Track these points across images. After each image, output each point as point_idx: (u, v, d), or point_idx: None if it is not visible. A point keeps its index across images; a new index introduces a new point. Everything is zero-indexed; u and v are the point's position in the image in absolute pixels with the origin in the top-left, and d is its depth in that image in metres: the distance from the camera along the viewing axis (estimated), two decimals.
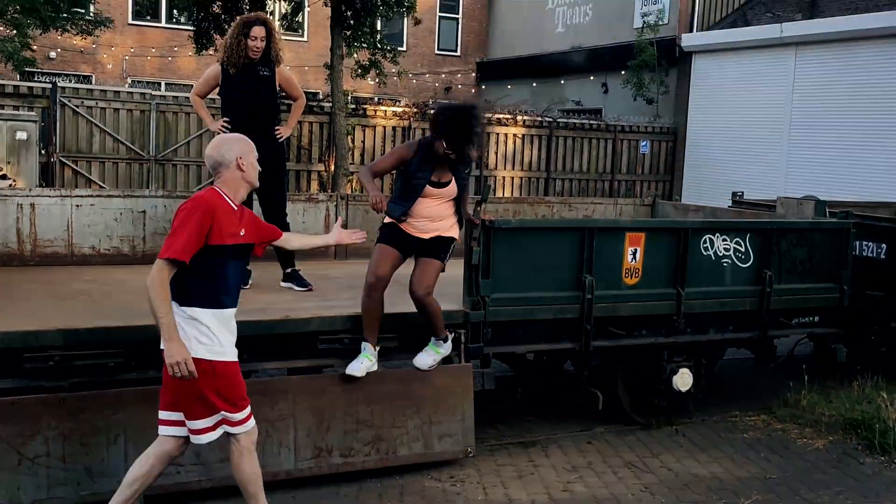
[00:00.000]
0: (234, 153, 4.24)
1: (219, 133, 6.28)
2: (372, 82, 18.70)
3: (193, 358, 4.00)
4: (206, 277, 4.07)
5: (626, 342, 6.33)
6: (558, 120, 18.66)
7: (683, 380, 6.49)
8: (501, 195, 17.16)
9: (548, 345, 6.17)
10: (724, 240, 6.55)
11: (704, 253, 6.49)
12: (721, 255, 6.56)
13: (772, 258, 6.71)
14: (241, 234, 4.22)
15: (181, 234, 3.98)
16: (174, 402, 4.15)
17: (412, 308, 5.50)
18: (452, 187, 5.46)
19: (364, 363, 5.28)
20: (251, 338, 5.01)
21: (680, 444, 6.30)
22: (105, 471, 4.66)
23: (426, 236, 5.44)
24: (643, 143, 19.28)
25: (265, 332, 5.19)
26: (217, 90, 6.39)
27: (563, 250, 6.01)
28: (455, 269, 5.64)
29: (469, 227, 5.68)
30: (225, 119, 6.29)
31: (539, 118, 18.52)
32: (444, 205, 5.49)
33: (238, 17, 6.41)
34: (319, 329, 5.37)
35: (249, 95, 6.26)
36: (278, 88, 6.42)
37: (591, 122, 19.08)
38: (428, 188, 5.39)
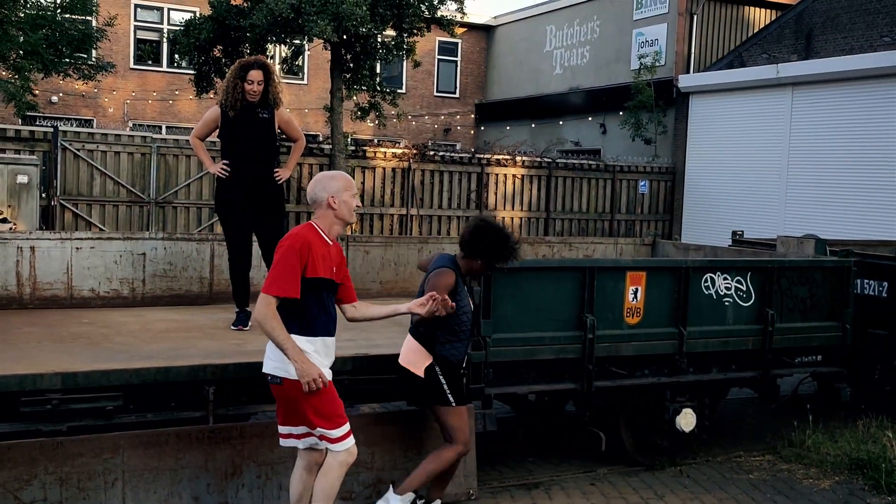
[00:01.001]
0: (328, 192, 4.37)
1: (218, 175, 6.31)
2: (371, 124, 18.88)
3: (288, 379, 4.24)
4: (302, 308, 4.28)
5: (628, 382, 6.28)
6: (557, 160, 18.77)
7: (687, 420, 6.44)
8: None
9: (549, 385, 6.11)
10: (725, 279, 6.54)
11: (706, 292, 6.46)
12: (722, 293, 6.54)
13: (773, 297, 6.69)
14: (334, 270, 4.40)
15: (284, 272, 4.21)
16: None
17: None
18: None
19: None
20: (249, 380, 4.98)
21: (684, 485, 6.22)
22: None
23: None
24: (642, 183, 19.37)
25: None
26: (217, 132, 6.40)
27: (565, 290, 5.99)
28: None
29: None
30: (224, 161, 6.30)
31: (538, 159, 18.63)
32: None
33: (237, 61, 6.45)
34: None
35: (248, 138, 6.26)
36: (278, 130, 6.44)
37: (590, 162, 19.20)
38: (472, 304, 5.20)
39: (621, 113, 20.13)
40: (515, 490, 6.00)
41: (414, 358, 4.94)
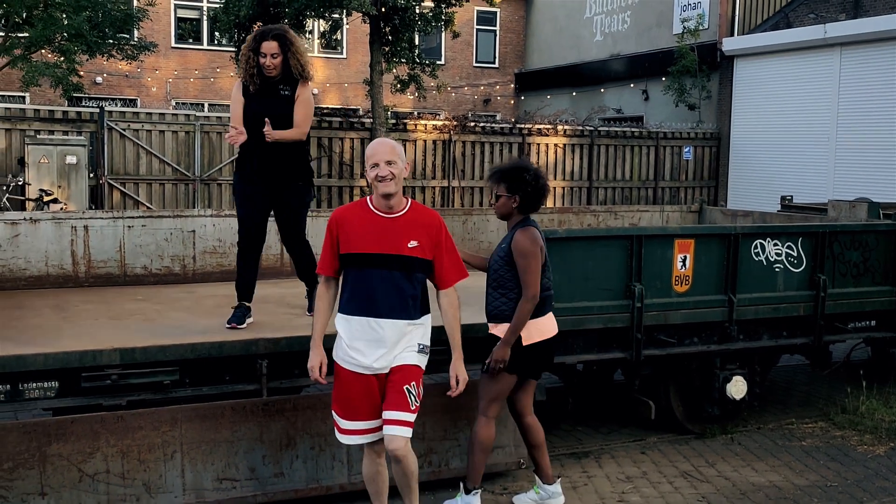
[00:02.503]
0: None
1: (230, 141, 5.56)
2: (411, 97, 18.84)
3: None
4: (343, 283, 4.32)
5: (677, 350, 6.25)
6: (599, 128, 18.59)
7: (737, 387, 6.39)
8: (544, 205, 17.09)
9: (598, 354, 6.11)
10: (775, 244, 6.45)
11: (755, 258, 6.39)
12: (773, 260, 6.46)
13: (825, 262, 6.59)
14: (412, 245, 4.22)
15: (322, 250, 4.33)
16: None
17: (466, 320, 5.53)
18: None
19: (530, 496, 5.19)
20: (301, 353, 5.04)
21: (736, 452, 6.19)
22: (163, 486, 4.71)
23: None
24: (686, 150, 19.11)
25: None
26: None
27: (612, 259, 5.96)
28: None
29: None
30: (238, 129, 5.40)
31: (580, 127, 18.47)
32: None
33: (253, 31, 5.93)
34: None
35: (264, 117, 5.40)
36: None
37: (633, 129, 18.99)
38: None
39: (664, 79, 19.84)
40: (565, 458, 6.02)
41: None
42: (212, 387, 5.05)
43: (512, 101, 27.47)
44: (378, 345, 4.22)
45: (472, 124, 17.51)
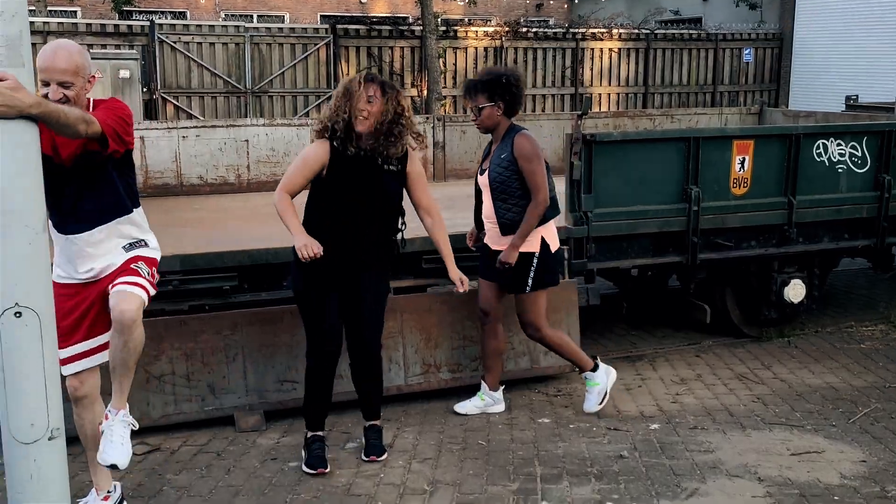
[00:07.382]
0: None
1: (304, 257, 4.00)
2: (462, 3, 18.43)
3: None
4: None
5: (734, 254, 6.17)
6: (656, 31, 18.02)
7: (795, 291, 6.32)
8: (599, 111, 16.79)
9: (653, 259, 6.07)
10: (838, 144, 6.26)
11: (818, 159, 6.22)
12: (835, 160, 6.28)
13: (891, 162, 6.39)
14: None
15: None
16: None
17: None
18: (486, 176, 4.80)
19: (475, 402, 5.10)
20: None
21: (792, 355, 6.16)
22: (227, 387, 4.86)
23: (494, 247, 4.86)
24: (747, 52, 18.46)
25: None
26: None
27: (668, 162, 5.86)
28: (558, 186, 5.56)
29: (570, 142, 5.58)
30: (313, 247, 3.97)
31: (636, 31, 17.92)
32: (489, 201, 4.81)
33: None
34: (422, 249, 5.40)
35: (366, 197, 4.10)
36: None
37: (691, 31, 18.36)
38: (478, 177, 4.93)
39: None
40: (620, 362, 6.02)
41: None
42: (270, 292, 5.15)
43: (565, 6, 26.71)
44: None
45: (525, 30, 17.10)
